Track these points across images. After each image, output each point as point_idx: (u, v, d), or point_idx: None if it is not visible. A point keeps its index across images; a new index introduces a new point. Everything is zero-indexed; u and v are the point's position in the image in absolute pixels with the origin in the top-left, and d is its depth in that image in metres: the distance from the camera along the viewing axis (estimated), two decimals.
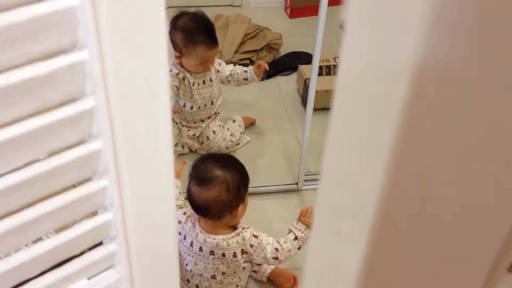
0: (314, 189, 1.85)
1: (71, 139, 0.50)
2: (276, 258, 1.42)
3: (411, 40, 0.23)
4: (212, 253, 1.36)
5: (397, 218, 0.27)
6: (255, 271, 1.58)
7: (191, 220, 1.37)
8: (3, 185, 0.47)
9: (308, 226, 1.49)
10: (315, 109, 1.71)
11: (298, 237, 1.46)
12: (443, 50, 0.23)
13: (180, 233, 1.38)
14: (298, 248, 1.45)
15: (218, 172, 1.31)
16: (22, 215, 0.50)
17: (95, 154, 0.52)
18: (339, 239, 0.31)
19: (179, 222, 1.38)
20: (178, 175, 1.59)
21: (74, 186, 0.54)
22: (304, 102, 2.14)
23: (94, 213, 0.58)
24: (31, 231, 0.51)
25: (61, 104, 0.48)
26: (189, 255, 1.39)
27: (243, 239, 1.37)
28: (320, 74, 1.80)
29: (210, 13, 2.23)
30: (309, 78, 1.68)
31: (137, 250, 0.59)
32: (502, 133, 0.25)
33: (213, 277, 1.40)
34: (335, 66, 2.20)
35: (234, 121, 2.06)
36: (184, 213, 1.40)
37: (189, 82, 1.85)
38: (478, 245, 0.27)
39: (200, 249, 1.36)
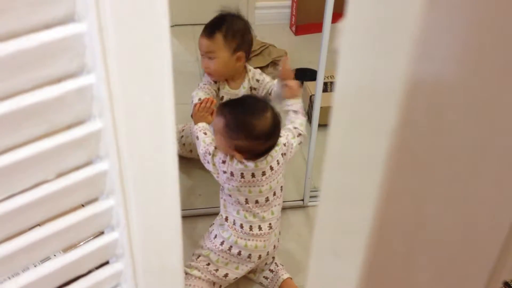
0: None
1: (79, 160, 0.51)
2: (300, 134, 1.57)
3: (402, 62, 0.24)
4: (272, 168, 1.47)
5: (393, 236, 0.27)
6: (266, 278, 1.58)
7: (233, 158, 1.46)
8: (13, 205, 0.48)
9: (292, 97, 1.65)
10: (320, 125, 1.72)
11: (296, 110, 1.63)
12: (432, 72, 0.24)
13: (225, 172, 1.44)
14: (304, 116, 1.63)
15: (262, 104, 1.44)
16: (31, 235, 0.51)
17: (102, 175, 0.53)
18: (337, 258, 0.32)
19: (223, 161, 1.45)
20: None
21: (82, 205, 0.55)
22: (309, 118, 2.15)
23: (101, 233, 0.59)
24: (40, 251, 0.52)
25: (69, 127, 0.49)
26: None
27: (277, 144, 1.49)
28: (325, 90, 1.81)
29: None
30: (314, 95, 1.70)
31: (143, 269, 0.59)
32: (493, 152, 0.26)
33: (267, 199, 1.49)
34: None
35: None
36: (223, 162, 1.48)
37: (219, 96, 1.76)
38: (472, 264, 0.28)
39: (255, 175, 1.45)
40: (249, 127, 1.39)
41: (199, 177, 1.94)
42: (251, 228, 1.49)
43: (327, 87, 2.15)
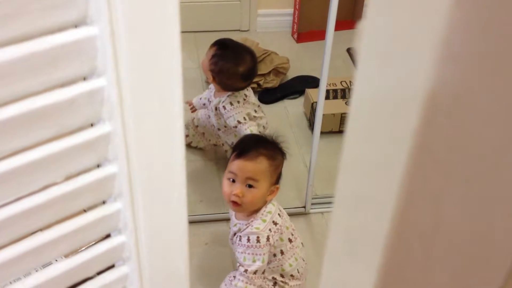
0: (322, 213, 1.84)
1: (88, 163, 0.51)
2: None
3: (422, 69, 0.24)
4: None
5: (410, 238, 0.27)
6: None
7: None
8: (22, 207, 0.48)
9: None
10: (322, 133, 1.72)
11: None
12: (452, 79, 0.24)
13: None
14: None
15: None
16: (39, 237, 0.51)
17: (110, 178, 0.53)
18: (353, 261, 0.32)
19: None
20: None
21: (84, 211, 0.55)
22: (311, 125, 2.15)
23: (108, 236, 0.59)
24: (47, 253, 0.52)
25: (78, 129, 0.50)
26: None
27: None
28: (327, 97, 1.81)
29: (218, 38, 2.26)
30: (316, 102, 1.70)
31: (149, 272, 0.59)
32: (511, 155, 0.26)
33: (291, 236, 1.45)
34: (342, 90, 2.21)
35: None
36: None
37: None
38: (489, 266, 0.28)
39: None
40: None
41: (200, 183, 1.94)
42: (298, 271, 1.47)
43: (329, 94, 2.15)
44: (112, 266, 0.60)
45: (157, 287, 0.61)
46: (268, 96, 2.37)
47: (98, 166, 0.53)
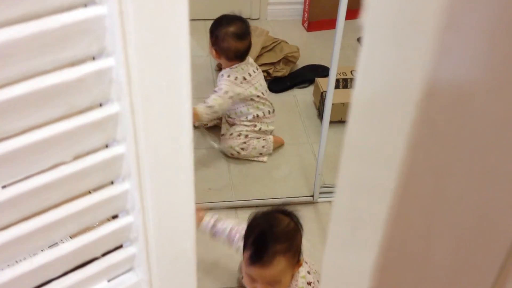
0: (330, 202, 1.84)
1: (96, 143, 0.51)
2: None
3: (424, 59, 0.24)
4: None
5: (412, 219, 0.27)
6: None
7: None
8: (31, 186, 0.49)
9: None
10: (331, 122, 1.72)
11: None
12: (455, 68, 0.24)
13: None
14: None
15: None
16: (47, 216, 0.52)
17: (118, 158, 0.53)
18: (354, 245, 0.32)
19: None
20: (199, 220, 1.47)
21: (89, 192, 0.55)
22: (320, 114, 2.15)
23: (115, 216, 0.59)
24: (55, 232, 0.53)
25: (87, 109, 0.50)
26: None
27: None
28: (336, 87, 1.80)
29: None
30: (325, 91, 1.69)
31: (157, 253, 0.60)
32: None
33: None
34: (351, 79, 2.20)
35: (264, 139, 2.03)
36: None
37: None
38: (490, 242, 0.28)
39: None
40: None
41: (209, 171, 1.95)
42: None
43: (339, 83, 2.14)
44: (119, 247, 0.60)
45: (164, 268, 0.62)
46: (277, 85, 2.37)
47: (107, 146, 0.53)
